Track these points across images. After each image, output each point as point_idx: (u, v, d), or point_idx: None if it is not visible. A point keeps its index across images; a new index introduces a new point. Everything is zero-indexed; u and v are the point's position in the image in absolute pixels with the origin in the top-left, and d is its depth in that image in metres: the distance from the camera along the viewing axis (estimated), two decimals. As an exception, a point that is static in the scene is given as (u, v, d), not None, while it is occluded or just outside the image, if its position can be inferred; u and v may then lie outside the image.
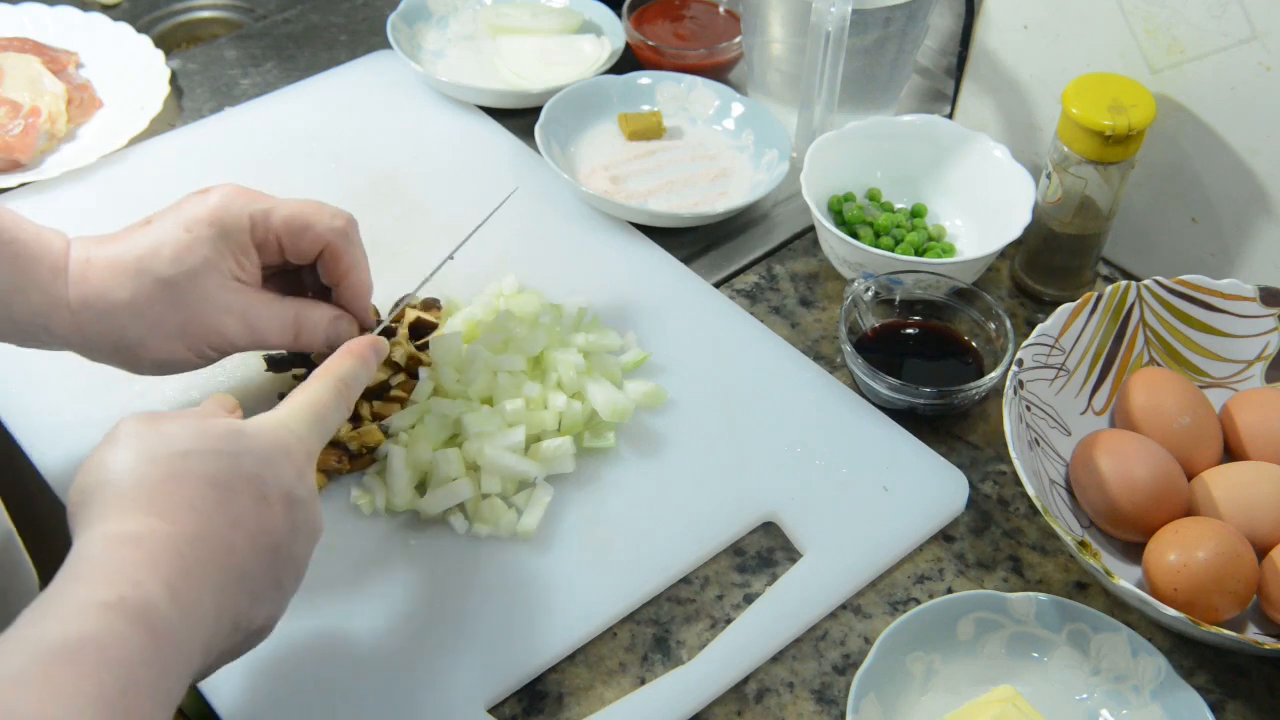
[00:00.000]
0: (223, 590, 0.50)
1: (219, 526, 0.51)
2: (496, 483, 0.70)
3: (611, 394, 0.75)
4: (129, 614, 0.45)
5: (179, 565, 0.48)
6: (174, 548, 0.48)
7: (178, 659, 0.46)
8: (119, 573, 0.46)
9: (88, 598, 0.45)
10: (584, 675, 0.65)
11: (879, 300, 0.81)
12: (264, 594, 0.53)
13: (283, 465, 0.55)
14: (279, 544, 0.54)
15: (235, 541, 0.51)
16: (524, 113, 0.99)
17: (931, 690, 0.64)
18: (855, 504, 0.72)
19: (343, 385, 0.62)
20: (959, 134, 0.90)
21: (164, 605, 0.46)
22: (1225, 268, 0.84)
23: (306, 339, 0.70)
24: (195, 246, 0.66)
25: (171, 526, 0.49)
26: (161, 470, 0.51)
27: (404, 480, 0.70)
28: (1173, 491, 0.69)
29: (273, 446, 0.56)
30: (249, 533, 0.52)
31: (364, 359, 0.64)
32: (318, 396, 0.60)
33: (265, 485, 0.54)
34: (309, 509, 0.56)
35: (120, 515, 0.49)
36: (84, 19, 1.06)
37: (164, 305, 0.65)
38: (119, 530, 0.48)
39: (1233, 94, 0.78)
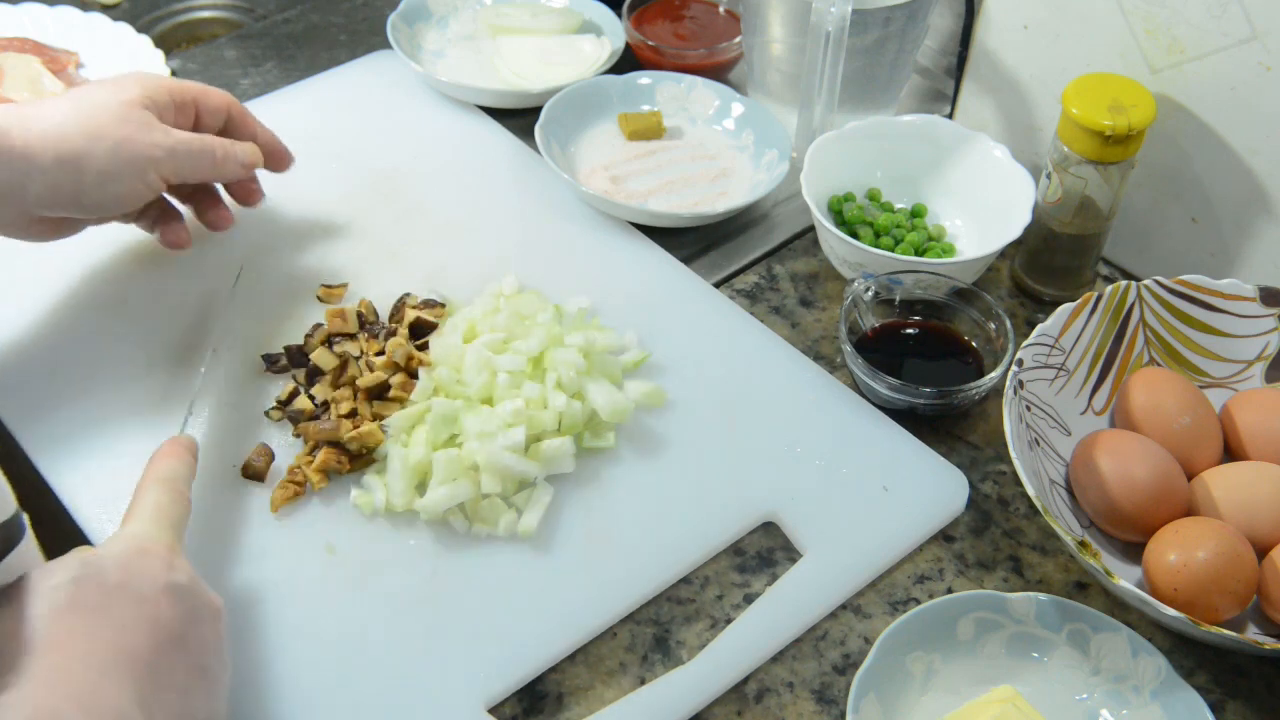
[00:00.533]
0: (140, 689, 0.50)
1: (106, 637, 0.51)
2: (497, 483, 0.70)
3: (611, 394, 0.75)
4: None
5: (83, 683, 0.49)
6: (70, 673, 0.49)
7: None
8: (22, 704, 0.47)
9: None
10: (584, 675, 0.65)
11: (879, 300, 0.81)
12: (190, 684, 0.54)
13: (146, 563, 0.56)
14: (181, 634, 0.54)
15: (130, 646, 0.52)
16: (524, 113, 0.99)
17: (931, 690, 0.64)
18: (855, 504, 0.72)
19: (170, 483, 0.64)
20: (959, 134, 0.90)
21: (74, 715, 0.47)
22: (1225, 268, 0.84)
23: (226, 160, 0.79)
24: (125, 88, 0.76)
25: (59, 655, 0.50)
26: (25, 636, 0.51)
27: (403, 481, 0.70)
28: (1173, 491, 0.69)
29: (127, 552, 0.56)
30: (142, 633, 0.53)
31: (180, 457, 0.66)
32: (152, 499, 0.62)
33: (136, 586, 0.54)
34: (196, 594, 0.57)
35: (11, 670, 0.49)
36: (84, 19, 1.06)
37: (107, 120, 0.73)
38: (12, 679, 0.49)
39: (1233, 94, 0.78)
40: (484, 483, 0.70)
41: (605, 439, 0.74)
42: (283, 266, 0.86)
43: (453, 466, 0.70)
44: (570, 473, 0.73)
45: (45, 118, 0.72)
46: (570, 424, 0.74)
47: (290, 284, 0.85)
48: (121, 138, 0.74)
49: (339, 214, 0.91)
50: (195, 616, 0.56)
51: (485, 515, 0.70)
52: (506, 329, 0.77)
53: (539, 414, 0.73)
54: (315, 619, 0.66)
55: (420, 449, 0.71)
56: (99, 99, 0.75)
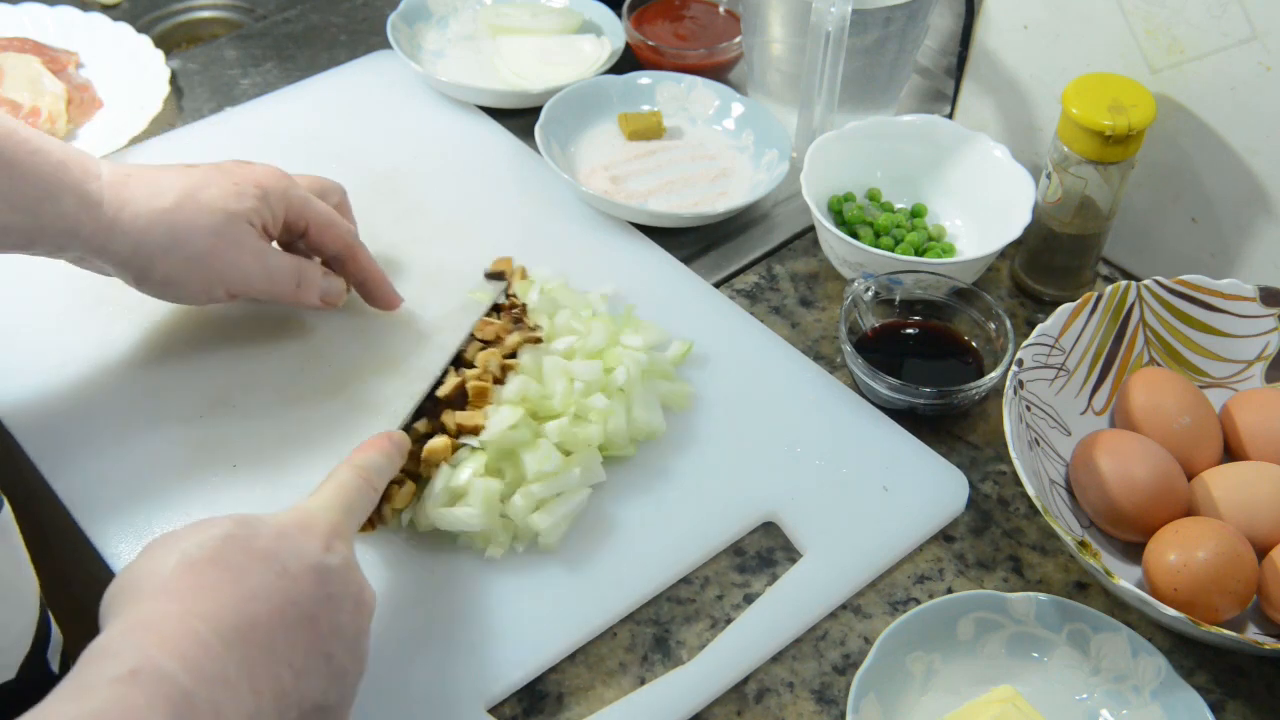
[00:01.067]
0: (251, 662, 0.49)
1: (233, 601, 0.51)
2: (549, 518, 0.69)
3: (652, 411, 0.74)
4: (142, 684, 0.45)
5: (194, 641, 0.48)
6: (187, 626, 0.48)
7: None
8: (130, 651, 0.46)
9: (101, 675, 0.45)
10: (584, 675, 0.65)
11: (879, 300, 0.81)
12: (309, 667, 0.52)
13: (303, 539, 0.55)
14: (313, 615, 0.53)
15: (255, 614, 0.51)
16: (524, 113, 0.99)
17: (931, 690, 0.64)
18: (855, 504, 0.72)
19: (365, 472, 0.63)
20: (959, 134, 0.90)
21: (181, 676, 0.46)
22: (1225, 268, 0.84)
23: (306, 290, 0.77)
24: (242, 197, 0.74)
25: (180, 606, 0.49)
26: (173, 564, 0.51)
27: (439, 504, 0.68)
28: (1173, 491, 0.69)
29: (289, 524, 0.56)
30: (273, 606, 0.52)
31: (385, 452, 0.65)
32: (342, 481, 0.62)
33: (284, 559, 0.53)
34: (345, 579, 0.56)
35: (133, 608, 0.50)
36: (84, 19, 1.06)
37: (199, 227, 0.72)
38: (131, 619, 0.49)
39: (1233, 94, 0.78)
40: (538, 520, 0.68)
41: (627, 449, 0.74)
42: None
43: (490, 498, 0.68)
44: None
45: (141, 200, 0.71)
46: (611, 440, 0.73)
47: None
48: (205, 250, 0.72)
49: (339, 214, 0.91)
50: (335, 602, 0.55)
51: (499, 540, 0.69)
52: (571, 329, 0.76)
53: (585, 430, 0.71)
54: (315, 619, 0.66)
55: (466, 475, 0.69)
56: (207, 199, 0.73)
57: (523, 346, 0.74)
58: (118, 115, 0.98)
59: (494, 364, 0.73)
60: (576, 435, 0.71)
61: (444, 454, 0.69)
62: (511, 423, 0.69)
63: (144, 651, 0.46)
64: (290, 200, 0.76)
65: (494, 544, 0.69)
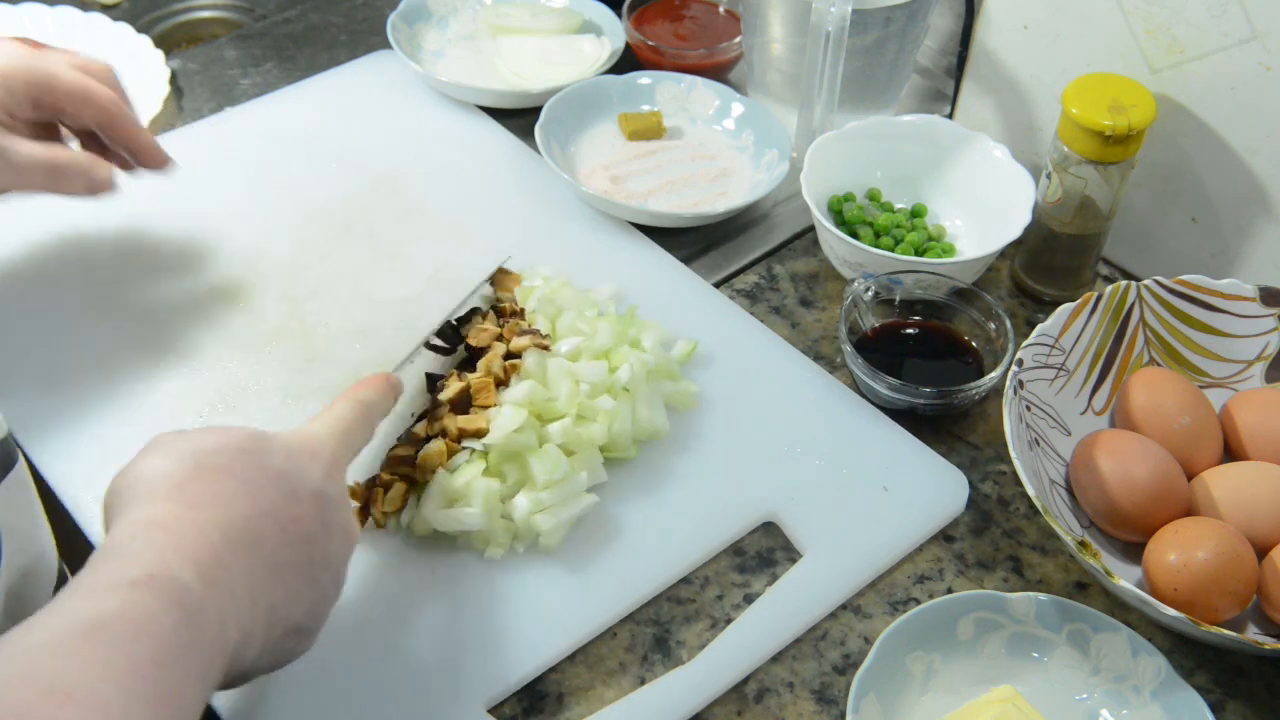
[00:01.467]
0: (253, 575, 0.51)
1: (246, 514, 0.52)
2: (551, 520, 0.69)
3: (656, 412, 0.74)
4: (157, 591, 0.45)
5: (206, 548, 0.49)
6: (200, 531, 0.49)
7: (210, 637, 0.47)
8: (146, 554, 0.47)
9: (116, 576, 0.46)
10: (584, 675, 0.65)
11: (879, 300, 0.81)
12: (300, 588, 0.54)
13: (310, 465, 0.57)
14: (311, 537, 0.55)
15: (264, 530, 0.52)
16: (524, 113, 0.99)
17: (931, 690, 0.64)
18: (855, 504, 0.72)
19: (364, 408, 0.64)
20: (959, 134, 0.90)
21: (193, 583, 0.47)
22: (1225, 268, 0.84)
23: (66, 180, 0.74)
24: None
25: (196, 512, 0.50)
26: (188, 466, 0.52)
27: (436, 505, 0.68)
28: (1173, 491, 0.69)
29: (298, 448, 0.57)
30: (278, 523, 0.53)
31: (382, 391, 0.66)
32: (339, 415, 0.62)
33: (292, 480, 0.55)
34: (340, 510, 0.58)
35: (147, 505, 0.50)
36: (84, 19, 1.06)
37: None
38: (146, 517, 0.50)
39: (1233, 94, 0.78)
40: (541, 521, 0.68)
41: (629, 450, 0.74)
42: (283, 266, 0.86)
43: (491, 499, 0.68)
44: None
45: None
46: (613, 441, 0.73)
47: (291, 283, 0.85)
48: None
49: (339, 214, 0.91)
50: (329, 530, 0.56)
51: (499, 540, 0.69)
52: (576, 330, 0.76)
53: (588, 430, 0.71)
54: (315, 619, 0.66)
55: (465, 479, 0.69)
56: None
57: (528, 350, 0.74)
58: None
59: (497, 366, 0.73)
60: (580, 435, 0.71)
61: (440, 459, 0.69)
62: (516, 425, 0.69)
63: (160, 555, 0.47)
64: (34, 77, 0.72)
65: (494, 544, 0.69)
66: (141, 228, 0.89)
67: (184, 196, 0.91)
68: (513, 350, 0.74)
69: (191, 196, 0.91)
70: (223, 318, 0.82)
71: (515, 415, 0.70)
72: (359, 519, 0.70)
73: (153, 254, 0.87)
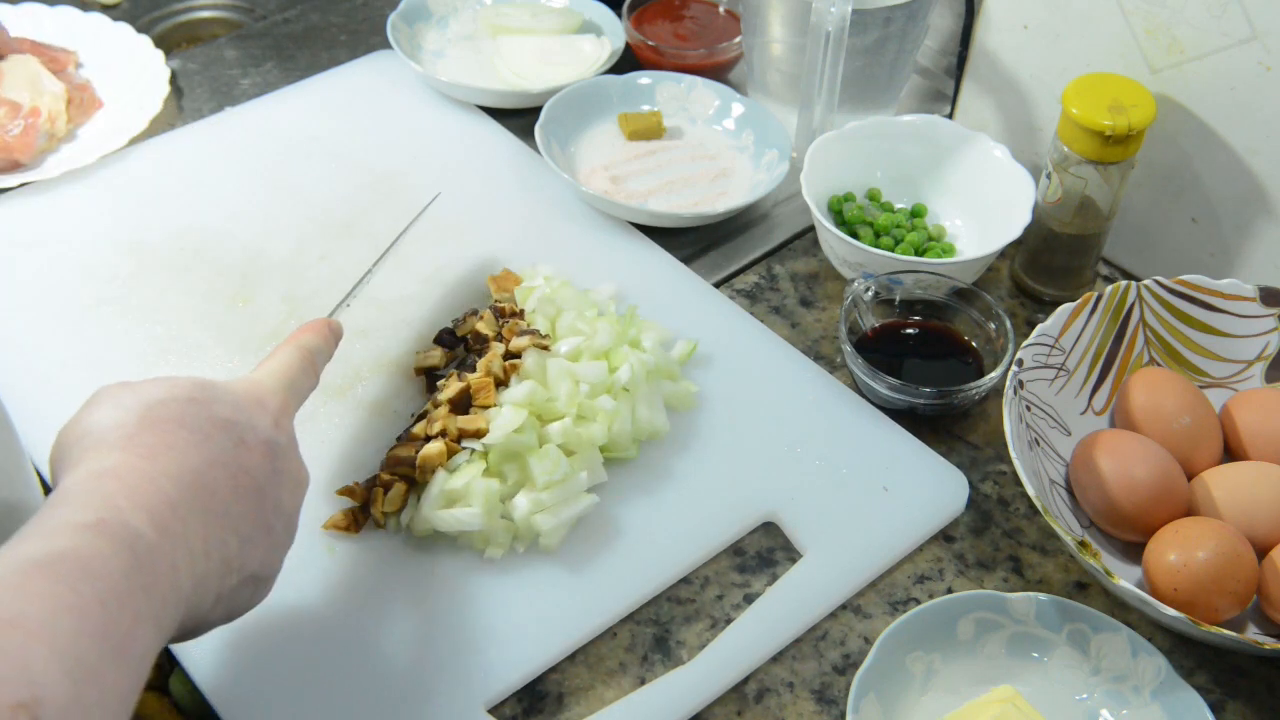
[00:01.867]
0: (207, 525, 0.51)
1: (196, 464, 0.52)
2: (551, 520, 0.69)
3: (655, 413, 0.74)
4: (108, 534, 0.45)
5: (158, 496, 0.49)
6: (151, 480, 0.49)
7: (162, 583, 0.47)
8: (98, 499, 0.47)
9: (67, 519, 0.46)
10: (584, 675, 0.65)
11: (879, 300, 0.81)
12: (253, 536, 0.54)
13: (257, 413, 0.57)
14: (262, 486, 0.55)
15: (215, 479, 0.52)
16: (524, 113, 0.99)
17: (931, 690, 0.64)
18: (855, 504, 0.72)
19: (307, 353, 0.64)
20: (959, 134, 0.90)
21: (145, 529, 0.47)
22: (1225, 268, 0.84)
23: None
24: None
25: (148, 463, 0.50)
26: (136, 417, 0.52)
27: (435, 505, 0.68)
28: (1173, 491, 0.69)
29: (246, 396, 0.57)
30: (229, 472, 0.53)
31: (323, 335, 0.66)
32: (285, 363, 0.63)
33: (241, 430, 0.55)
34: (289, 456, 0.58)
35: (98, 455, 0.50)
36: (84, 19, 1.06)
37: None
38: (96, 466, 0.49)
39: (1233, 94, 0.78)
40: (541, 521, 0.68)
41: (629, 450, 0.74)
42: (283, 266, 0.86)
43: (491, 499, 0.68)
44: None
45: None
46: (614, 440, 0.73)
47: (291, 283, 0.85)
48: None
49: (339, 214, 0.91)
50: (279, 478, 0.56)
51: (499, 540, 0.69)
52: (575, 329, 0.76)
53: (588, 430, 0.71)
54: (315, 619, 0.66)
55: (465, 479, 0.69)
56: None
57: (528, 350, 0.74)
58: (118, 115, 0.98)
59: (496, 366, 0.73)
60: (580, 435, 0.71)
61: (439, 460, 0.69)
62: (516, 426, 0.69)
63: (112, 501, 0.47)
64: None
65: (494, 544, 0.69)
66: (141, 227, 0.89)
67: (184, 196, 0.91)
68: (512, 350, 0.74)
69: (191, 196, 0.91)
70: (223, 318, 0.82)
71: (515, 415, 0.70)
72: (359, 519, 0.70)
73: (153, 254, 0.87)
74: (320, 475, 0.71)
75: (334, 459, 0.73)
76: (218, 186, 0.93)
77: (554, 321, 0.78)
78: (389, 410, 0.76)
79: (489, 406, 0.71)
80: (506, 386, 0.73)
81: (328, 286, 0.85)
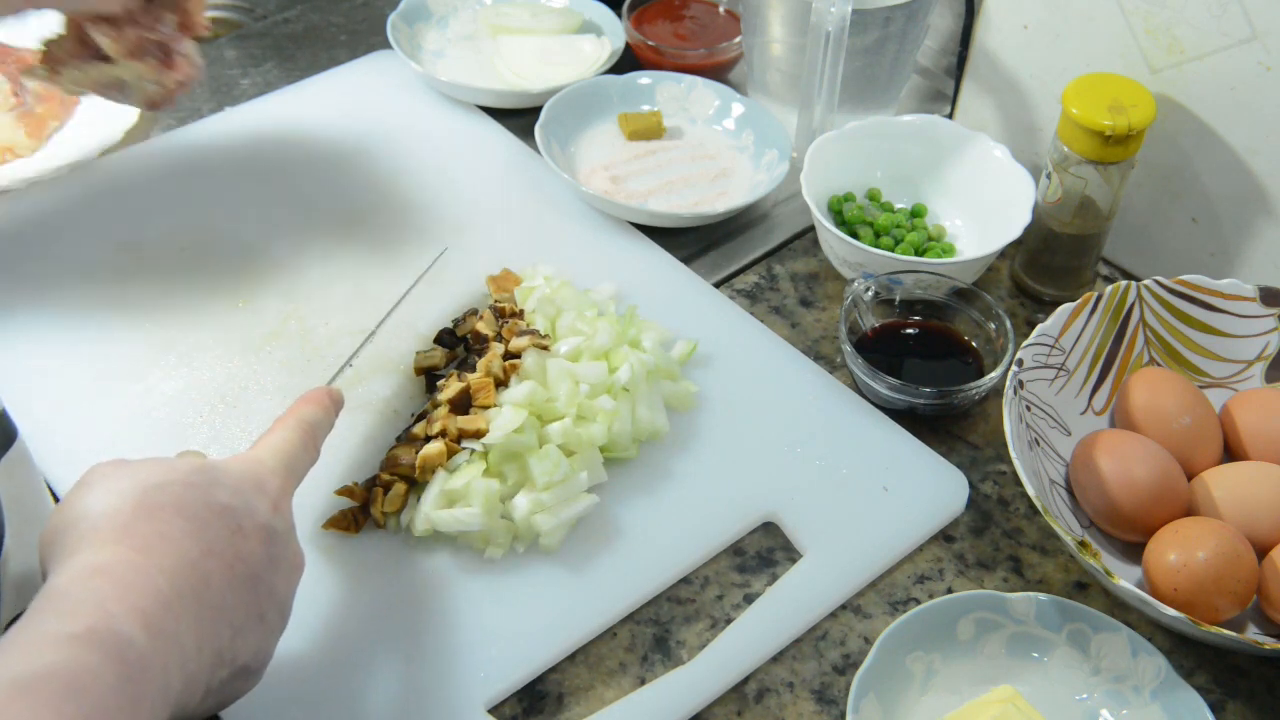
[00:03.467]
0: (200, 620, 0.49)
1: (193, 556, 0.50)
2: (551, 520, 0.69)
3: (656, 413, 0.74)
4: (96, 644, 0.44)
5: (152, 594, 0.47)
6: (146, 577, 0.48)
7: (152, 689, 0.45)
8: (88, 603, 0.45)
9: (55, 630, 0.44)
10: (584, 675, 0.65)
11: (879, 300, 0.81)
12: (246, 627, 0.53)
13: (256, 498, 0.55)
14: (257, 574, 0.53)
15: (210, 569, 0.51)
16: (524, 113, 0.99)
17: (931, 690, 0.64)
18: (855, 504, 0.72)
19: (308, 428, 0.62)
20: (959, 134, 0.90)
21: (136, 634, 0.45)
22: (1225, 268, 0.84)
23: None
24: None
25: (143, 557, 0.48)
26: (131, 504, 0.50)
27: (435, 505, 0.68)
28: (1173, 491, 0.69)
29: (244, 480, 0.56)
30: (225, 561, 0.52)
31: (324, 406, 0.65)
32: (285, 439, 0.61)
33: (238, 516, 0.53)
34: (287, 542, 0.57)
35: (91, 548, 0.48)
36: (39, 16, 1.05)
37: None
38: (89, 562, 0.48)
39: (1233, 94, 0.78)
40: (541, 521, 0.68)
41: (629, 450, 0.74)
42: (283, 266, 0.86)
43: (491, 499, 0.68)
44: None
45: None
46: (614, 440, 0.73)
47: (291, 283, 0.85)
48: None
49: (339, 214, 0.91)
50: (275, 564, 0.55)
51: (499, 540, 0.69)
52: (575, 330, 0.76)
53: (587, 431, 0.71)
54: (315, 618, 0.66)
55: (465, 479, 0.69)
56: None
57: (528, 350, 0.74)
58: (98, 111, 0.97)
59: (496, 366, 0.73)
60: (580, 436, 0.71)
61: (439, 460, 0.69)
62: (515, 426, 0.69)
63: (103, 605, 0.45)
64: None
65: (494, 544, 0.69)
66: (142, 227, 0.89)
67: (184, 196, 0.91)
68: (512, 350, 0.74)
69: (192, 196, 0.91)
70: (223, 318, 0.82)
71: (515, 415, 0.70)
72: (359, 519, 0.70)
73: (153, 254, 0.87)
74: (320, 475, 0.71)
75: (334, 459, 0.73)
76: (218, 186, 0.93)
77: (554, 321, 0.78)
78: (389, 410, 0.76)
79: (489, 407, 0.71)
80: (506, 387, 0.73)
81: (328, 286, 0.85)
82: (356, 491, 0.70)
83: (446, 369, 0.77)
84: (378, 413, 0.76)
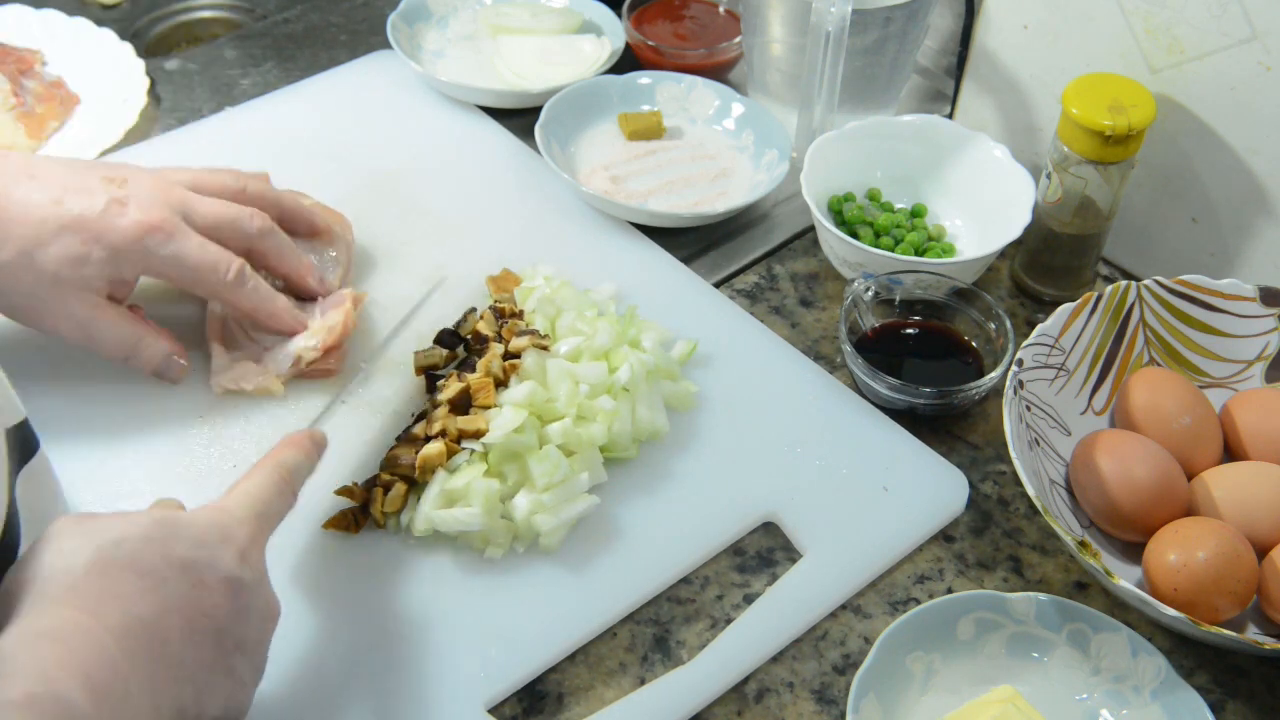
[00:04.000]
0: (155, 681, 0.48)
1: (145, 613, 0.49)
2: (551, 520, 0.69)
3: (656, 413, 0.74)
4: (35, 710, 0.43)
5: (100, 658, 0.46)
6: (95, 641, 0.47)
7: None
8: (29, 668, 0.44)
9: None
10: (584, 675, 0.65)
11: (879, 300, 0.81)
12: (212, 682, 0.52)
13: (221, 549, 0.54)
14: (222, 628, 0.52)
15: (167, 627, 0.50)
16: (524, 113, 0.99)
17: (931, 690, 0.64)
18: (855, 504, 0.72)
19: (285, 473, 0.61)
20: (959, 134, 0.90)
21: (79, 700, 0.44)
22: (1225, 268, 0.84)
23: (137, 364, 0.75)
24: (82, 262, 0.69)
25: (91, 618, 0.47)
26: (83, 563, 0.49)
27: (435, 505, 0.68)
28: (1173, 491, 0.69)
29: (209, 531, 0.54)
30: (184, 617, 0.51)
31: (306, 451, 0.64)
32: (258, 486, 0.60)
33: (200, 569, 0.52)
34: (256, 591, 0.55)
35: (40, 612, 0.47)
36: (68, 24, 1.05)
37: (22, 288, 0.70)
38: (37, 627, 0.47)
39: (1233, 94, 0.78)
40: (541, 521, 0.68)
41: (629, 450, 0.74)
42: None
43: (491, 499, 0.68)
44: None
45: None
46: (614, 440, 0.73)
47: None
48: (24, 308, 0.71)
49: (339, 214, 0.91)
50: (242, 615, 0.54)
51: (499, 540, 0.69)
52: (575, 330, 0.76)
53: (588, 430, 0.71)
54: (315, 618, 0.66)
55: (465, 479, 0.69)
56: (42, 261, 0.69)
57: (527, 350, 0.74)
58: (97, 111, 0.98)
59: (496, 366, 0.73)
60: (580, 436, 0.71)
61: (439, 460, 0.69)
62: (515, 426, 0.69)
63: (44, 671, 0.44)
64: (150, 256, 0.71)
65: (494, 544, 0.69)
66: (141, 228, 0.89)
67: (184, 196, 0.91)
68: (512, 350, 0.74)
69: (191, 196, 0.91)
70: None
71: (515, 416, 0.70)
72: (359, 519, 0.70)
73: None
74: (320, 475, 0.71)
75: (334, 459, 0.73)
76: (218, 186, 0.92)
77: (554, 322, 0.78)
78: (389, 410, 0.76)
79: (489, 407, 0.71)
80: (506, 387, 0.73)
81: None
82: (356, 491, 0.70)
83: (446, 369, 0.77)
84: (378, 413, 0.76)
